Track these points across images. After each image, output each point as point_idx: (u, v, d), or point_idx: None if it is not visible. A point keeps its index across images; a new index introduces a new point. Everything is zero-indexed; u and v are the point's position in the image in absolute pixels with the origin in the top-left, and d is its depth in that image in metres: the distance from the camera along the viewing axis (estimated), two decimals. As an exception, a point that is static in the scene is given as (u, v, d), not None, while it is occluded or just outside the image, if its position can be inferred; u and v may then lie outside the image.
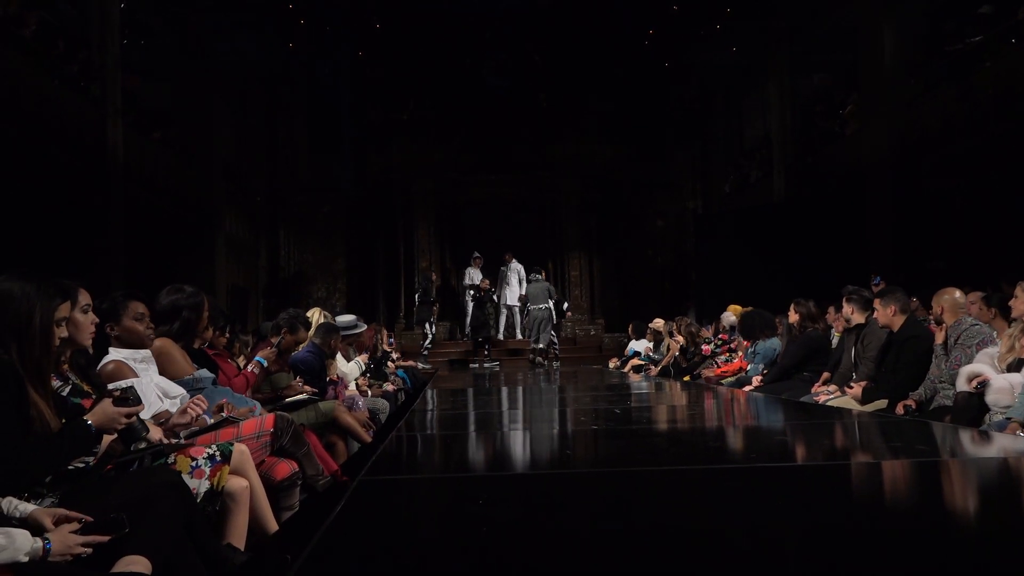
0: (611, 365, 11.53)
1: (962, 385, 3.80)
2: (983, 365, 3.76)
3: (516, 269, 14.05)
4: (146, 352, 3.15)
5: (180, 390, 3.17)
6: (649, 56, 15.44)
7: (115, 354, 3.05)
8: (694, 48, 15.03)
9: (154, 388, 3.02)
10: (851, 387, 4.84)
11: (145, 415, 2.85)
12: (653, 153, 16.46)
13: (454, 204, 15.82)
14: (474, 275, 13.93)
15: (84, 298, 2.60)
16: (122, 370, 2.99)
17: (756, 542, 1.69)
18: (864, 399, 4.67)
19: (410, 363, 10.45)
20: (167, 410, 2.98)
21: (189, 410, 2.80)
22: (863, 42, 11.39)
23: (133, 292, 3.22)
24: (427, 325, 13.26)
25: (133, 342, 3.13)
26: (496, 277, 14.18)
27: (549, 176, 15.78)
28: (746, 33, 14.11)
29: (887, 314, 4.73)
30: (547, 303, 12.48)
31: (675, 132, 16.59)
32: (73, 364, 2.63)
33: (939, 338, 4.41)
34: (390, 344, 9.15)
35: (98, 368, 2.97)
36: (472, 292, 13.63)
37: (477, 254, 14.04)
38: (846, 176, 11.57)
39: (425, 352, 13.11)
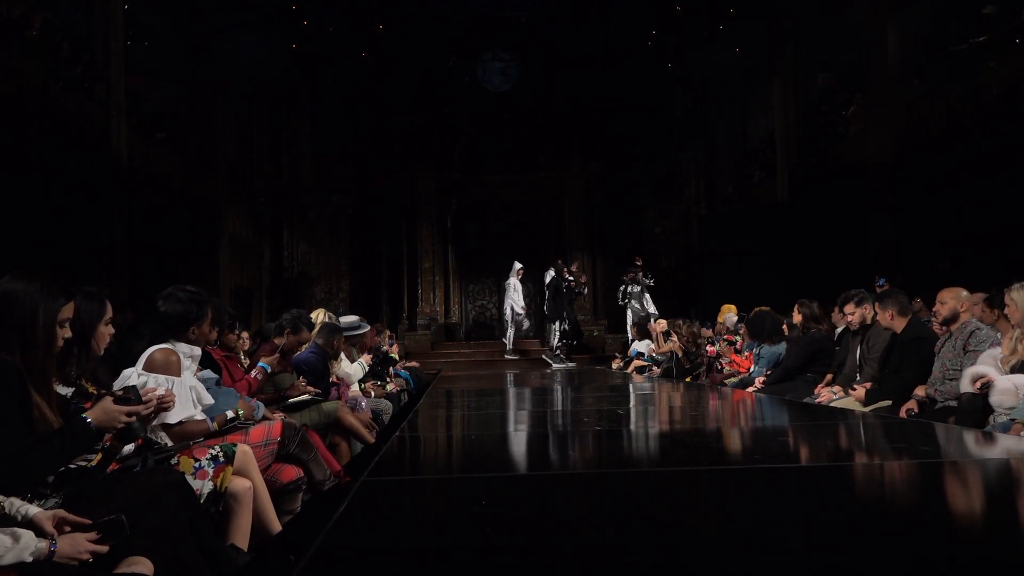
0: (614, 366, 11.52)
1: (966, 386, 3.79)
2: (987, 367, 3.75)
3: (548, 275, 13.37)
4: (198, 350, 3.16)
5: (210, 399, 3.15)
6: (652, 56, 15.44)
7: (168, 344, 3.03)
8: (697, 49, 15.02)
9: (188, 390, 2.99)
10: (854, 389, 4.83)
11: (174, 418, 2.85)
12: (656, 154, 16.44)
13: (457, 205, 15.85)
14: (516, 285, 13.37)
15: (110, 311, 2.61)
16: (171, 361, 2.95)
17: (760, 543, 1.69)
18: (867, 401, 4.66)
19: (413, 364, 10.45)
20: (193, 417, 2.96)
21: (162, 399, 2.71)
22: (867, 42, 11.37)
23: (207, 298, 3.32)
24: (558, 323, 12.57)
25: (201, 344, 3.16)
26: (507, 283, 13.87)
27: (552, 177, 15.80)
28: (749, 33, 14.10)
29: (886, 317, 4.73)
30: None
31: (678, 133, 16.56)
32: (85, 369, 2.62)
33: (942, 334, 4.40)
34: (390, 344, 9.15)
35: (146, 354, 2.96)
36: (573, 289, 13.02)
37: (520, 265, 13.42)
38: (850, 177, 11.55)
39: (557, 351, 12.38)
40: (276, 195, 16.14)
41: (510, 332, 13.41)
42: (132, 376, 2.85)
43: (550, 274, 12.99)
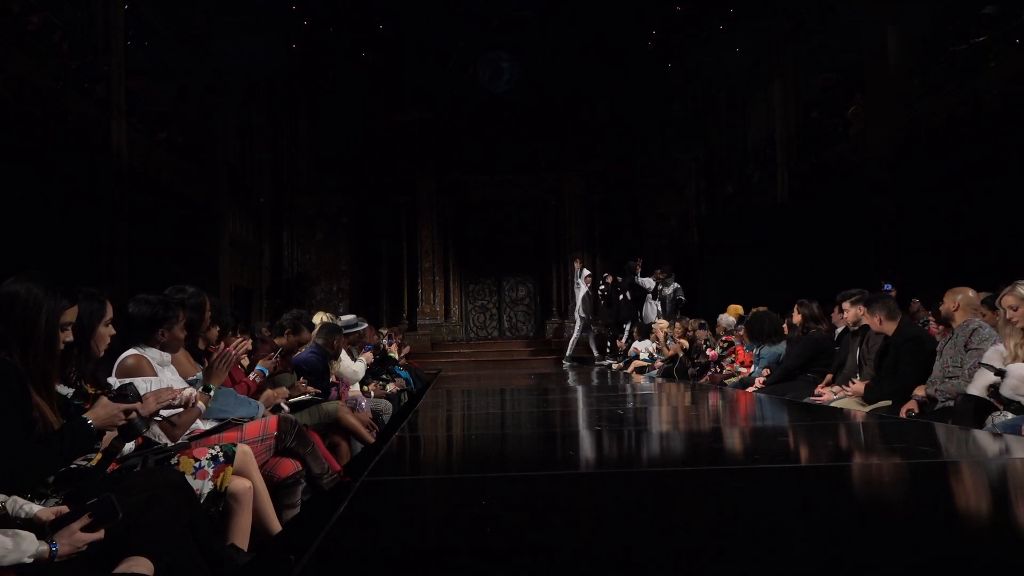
0: (614, 366, 11.52)
1: (980, 385, 3.70)
2: (994, 363, 3.72)
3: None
4: (169, 356, 3.16)
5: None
6: (652, 56, 15.44)
7: (137, 350, 3.05)
8: (698, 49, 15.02)
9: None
10: (853, 382, 4.81)
11: (166, 413, 2.85)
12: (657, 154, 16.45)
13: (457, 205, 15.85)
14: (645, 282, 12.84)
15: (110, 311, 2.60)
16: (141, 365, 2.98)
17: (760, 543, 1.69)
18: (866, 396, 4.65)
19: (405, 350, 10.34)
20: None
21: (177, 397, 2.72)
22: (867, 42, 11.38)
23: (182, 301, 3.30)
24: (629, 324, 12.24)
25: (173, 348, 3.16)
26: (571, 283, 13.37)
27: (552, 177, 15.80)
28: (749, 33, 14.10)
29: (875, 322, 4.75)
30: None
31: (679, 133, 16.56)
32: (84, 369, 2.62)
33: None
34: (388, 344, 9.14)
35: (118, 361, 2.97)
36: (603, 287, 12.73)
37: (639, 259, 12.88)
38: (850, 177, 11.55)
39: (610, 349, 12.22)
40: (276, 195, 16.14)
41: (576, 335, 12.95)
42: (113, 383, 2.86)
43: (602, 278, 12.87)
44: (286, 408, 3.18)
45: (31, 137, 8.11)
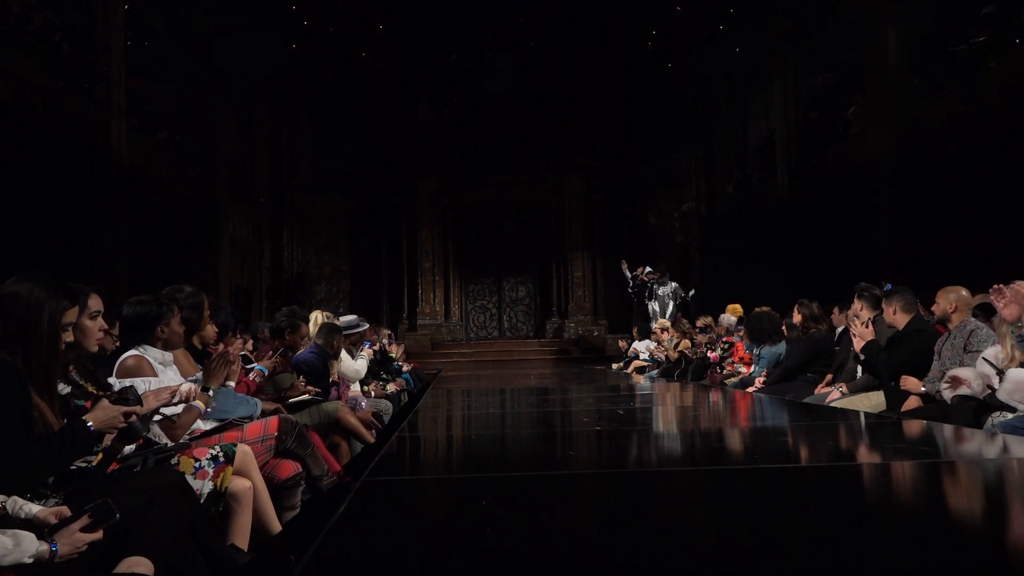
0: (614, 366, 11.51)
1: (942, 386, 3.74)
2: (970, 370, 3.71)
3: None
4: (171, 355, 3.16)
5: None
6: (653, 57, 15.45)
7: (138, 350, 3.05)
8: (698, 49, 15.04)
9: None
10: (866, 327, 4.75)
11: (169, 411, 2.85)
12: (657, 154, 16.46)
13: (457, 205, 15.86)
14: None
15: (95, 304, 2.57)
16: (141, 366, 2.98)
17: (760, 543, 1.69)
18: (864, 349, 4.62)
19: (398, 349, 10.30)
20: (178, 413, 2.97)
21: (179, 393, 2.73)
22: (867, 42, 11.38)
23: (173, 296, 3.31)
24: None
25: (174, 344, 3.16)
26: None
27: (552, 177, 15.81)
28: (749, 33, 14.12)
29: (889, 312, 4.71)
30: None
31: (679, 133, 16.58)
32: (78, 365, 2.62)
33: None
34: (388, 344, 9.15)
35: (118, 361, 2.98)
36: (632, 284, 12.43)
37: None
38: (850, 177, 11.55)
39: None
40: (276, 195, 16.16)
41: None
42: (114, 384, 2.86)
43: (640, 272, 12.69)
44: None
45: (31, 137, 8.11)
